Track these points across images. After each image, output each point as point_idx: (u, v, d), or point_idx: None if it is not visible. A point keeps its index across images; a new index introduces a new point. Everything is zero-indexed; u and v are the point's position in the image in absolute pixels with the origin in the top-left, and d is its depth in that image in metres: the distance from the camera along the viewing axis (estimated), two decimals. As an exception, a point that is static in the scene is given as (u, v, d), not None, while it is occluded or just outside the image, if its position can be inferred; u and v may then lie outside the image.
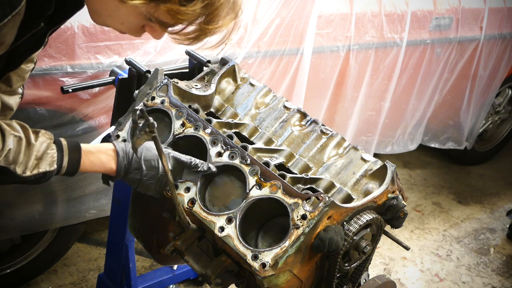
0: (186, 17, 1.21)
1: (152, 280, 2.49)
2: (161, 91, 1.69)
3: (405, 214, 1.56)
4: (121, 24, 1.30)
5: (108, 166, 1.43)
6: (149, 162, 1.45)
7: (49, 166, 1.32)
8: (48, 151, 1.32)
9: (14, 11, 1.10)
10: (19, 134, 1.27)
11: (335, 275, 1.50)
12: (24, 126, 1.30)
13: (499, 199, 4.19)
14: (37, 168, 1.30)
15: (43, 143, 1.32)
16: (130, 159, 1.43)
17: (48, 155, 1.32)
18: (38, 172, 1.31)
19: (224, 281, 1.50)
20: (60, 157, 1.34)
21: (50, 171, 1.33)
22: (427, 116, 3.69)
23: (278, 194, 1.43)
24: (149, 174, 1.45)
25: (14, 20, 1.11)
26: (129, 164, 1.43)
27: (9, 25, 1.11)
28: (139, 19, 1.27)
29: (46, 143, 1.32)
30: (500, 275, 3.33)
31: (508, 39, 3.85)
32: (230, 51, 2.39)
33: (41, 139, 1.32)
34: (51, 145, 1.33)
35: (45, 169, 1.32)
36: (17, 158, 1.26)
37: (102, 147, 1.43)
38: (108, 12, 1.25)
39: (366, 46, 2.95)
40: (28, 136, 1.29)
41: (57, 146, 1.35)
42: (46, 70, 2.01)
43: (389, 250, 3.34)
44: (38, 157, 1.30)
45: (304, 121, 1.75)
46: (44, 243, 2.53)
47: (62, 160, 1.35)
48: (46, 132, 1.35)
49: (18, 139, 1.27)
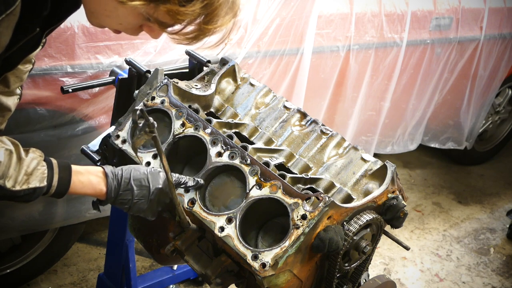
0: (185, 17, 1.21)
1: (152, 280, 2.49)
2: (161, 91, 1.69)
3: (405, 214, 1.56)
4: (119, 25, 1.29)
5: (98, 188, 1.41)
6: (139, 181, 1.42)
7: (39, 182, 1.30)
8: (39, 167, 1.30)
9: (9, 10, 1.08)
10: (10, 148, 1.26)
11: (335, 275, 1.50)
12: (15, 142, 1.29)
13: (499, 199, 4.19)
14: (27, 183, 1.28)
15: (34, 159, 1.30)
16: (119, 180, 1.41)
17: (39, 171, 1.30)
18: (28, 187, 1.28)
19: (224, 281, 1.50)
20: (50, 174, 1.32)
21: (40, 187, 1.30)
22: (427, 116, 3.69)
23: (278, 194, 1.43)
24: (140, 194, 1.42)
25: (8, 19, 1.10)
26: (119, 185, 1.41)
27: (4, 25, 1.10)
28: (138, 19, 1.26)
29: (37, 160, 1.31)
30: (500, 275, 3.33)
31: (508, 39, 3.85)
32: (230, 51, 2.39)
33: (32, 155, 1.30)
34: (41, 162, 1.32)
35: (35, 185, 1.29)
36: (7, 172, 1.24)
37: (90, 169, 1.42)
38: (106, 13, 1.25)
39: (366, 46, 2.95)
40: (18, 152, 1.28)
41: (48, 164, 1.33)
42: (46, 70, 2.01)
43: (389, 250, 3.34)
44: (28, 172, 1.28)
45: (304, 121, 1.75)
46: (44, 243, 2.53)
47: (52, 178, 1.33)
48: (37, 150, 1.33)
49: (9, 153, 1.25)
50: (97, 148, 1.80)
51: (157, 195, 1.44)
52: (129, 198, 1.42)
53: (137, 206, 1.43)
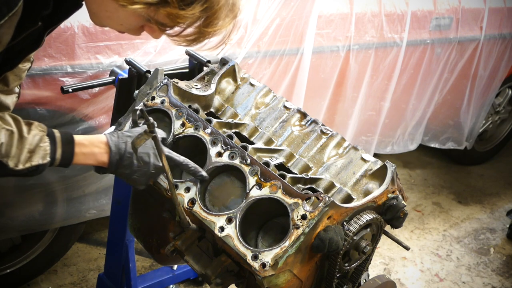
0: (185, 20, 1.22)
1: (152, 280, 2.49)
2: (161, 91, 1.69)
3: (405, 214, 1.56)
4: (120, 25, 1.30)
5: (100, 160, 1.43)
6: (141, 157, 1.45)
7: (42, 159, 1.32)
8: (41, 144, 1.32)
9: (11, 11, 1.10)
10: (11, 128, 1.27)
11: (335, 275, 1.50)
12: (17, 118, 1.31)
13: (499, 199, 4.19)
14: (29, 161, 1.30)
15: (36, 135, 1.32)
16: (122, 153, 1.44)
17: (41, 148, 1.32)
18: (31, 165, 1.31)
19: (224, 281, 1.51)
20: (53, 149, 1.34)
21: (43, 164, 1.33)
22: (427, 116, 3.69)
23: (278, 194, 1.43)
24: (140, 170, 1.46)
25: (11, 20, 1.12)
26: (121, 158, 1.44)
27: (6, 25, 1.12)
28: (139, 20, 1.27)
29: (39, 135, 1.32)
30: (500, 275, 3.33)
31: (508, 39, 3.85)
32: (230, 51, 2.39)
33: (34, 132, 1.32)
34: (44, 138, 1.33)
35: (38, 162, 1.32)
36: (9, 152, 1.26)
37: (94, 139, 1.44)
38: (107, 14, 1.26)
39: (366, 46, 2.95)
40: (20, 129, 1.29)
41: (50, 139, 1.35)
42: (46, 70, 2.01)
43: (389, 250, 3.34)
44: (31, 150, 1.30)
45: (304, 121, 1.75)
46: (44, 243, 2.53)
47: (55, 152, 1.35)
48: (40, 125, 1.35)
49: (10, 133, 1.27)
50: (97, 148, 1.80)
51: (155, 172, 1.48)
52: (128, 172, 1.46)
53: (134, 179, 1.47)
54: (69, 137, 1.39)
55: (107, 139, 1.44)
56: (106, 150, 1.43)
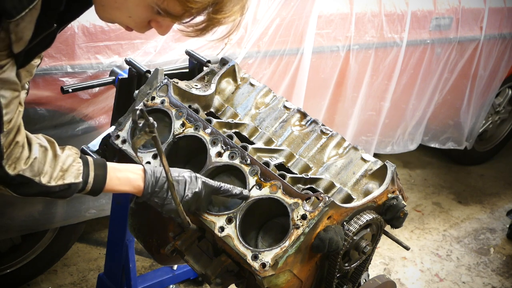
0: (195, 5, 1.20)
1: (152, 280, 2.49)
2: (161, 91, 1.69)
3: (405, 214, 1.56)
4: (128, 17, 1.28)
5: (135, 184, 1.41)
6: (176, 182, 1.42)
7: (75, 178, 1.32)
8: (74, 164, 1.33)
9: (32, 4, 1.09)
10: (45, 145, 1.28)
11: (335, 275, 1.50)
12: (51, 140, 1.32)
13: (499, 199, 4.19)
14: (62, 179, 1.30)
15: (69, 156, 1.33)
16: (157, 178, 1.42)
17: (74, 168, 1.32)
18: (63, 183, 1.30)
19: (224, 281, 1.50)
20: (86, 171, 1.34)
21: (75, 183, 1.32)
22: (427, 116, 3.69)
23: (278, 194, 1.43)
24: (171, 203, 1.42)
25: (31, 14, 1.11)
26: (156, 182, 1.42)
27: (27, 20, 1.11)
28: (147, 11, 1.25)
29: (72, 156, 1.33)
30: (500, 275, 3.33)
31: (508, 39, 3.85)
32: (230, 51, 2.39)
33: (67, 152, 1.33)
34: (77, 159, 1.34)
35: (70, 180, 1.31)
36: (42, 168, 1.26)
37: (130, 166, 1.43)
38: (116, 5, 1.24)
39: (366, 46, 2.95)
40: (54, 149, 1.30)
41: (83, 161, 1.35)
42: (46, 70, 2.01)
43: (389, 250, 3.34)
44: (64, 169, 1.30)
45: (304, 121, 1.75)
46: (44, 243, 2.53)
47: (88, 175, 1.35)
48: (73, 148, 1.36)
49: (44, 149, 1.28)
50: (97, 148, 1.80)
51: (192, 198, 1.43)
52: (164, 196, 1.42)
53: (170, 206, 1.43)
54: (102, 162, 1.39)
55: (143, 166, 1.44)
56: (142, 175, 1.42)
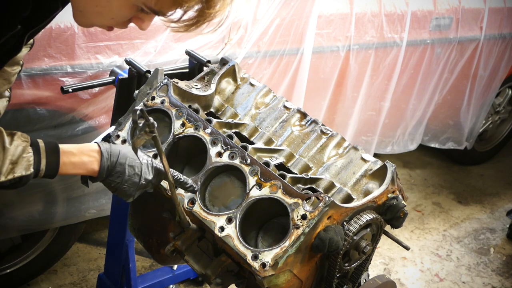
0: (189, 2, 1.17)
1: (152, 280, 2.49)
2: (161, 91, 1.69)
3: (405, 214, 1.56)
4: (111, 19, 1.24)
5: (90, 167, 1.39)
6: (133, 168, 1.42)
7: (25, 170, 1.27)
8: (24, 155, 1.27)
9: None
10: None
11: (335, 275, 1.50)
12: None
13: (499, 199, 4.19)
14: (12, 173, 1.25)
15: (19, 146, 1.26)
16: (114, 162, 1.40)
17: (24, 159, 1.27)
18: (13, 177, 1.25)
19: (224, 281, 1.50)
20: (37, 160, 1.29)
21: (26, 175, 1.27)
22: (427, 116, 3.69)
23: (278, 194, 1.43)
24: (130, 180, 1.42)
25: None
26: (113, 167, 1.40)
27: None
28: (131, 10, 1.22)
29: (22, 146, 1.27)
30: (500, 275, 3.33)
31: (508, 39, 3.85)
32: (230, 51, 2.39)
33: (16, 142, 1.26)
34: (27, 148, 1.28)
35: (21, 173, 1.26)
36: None
37: (85, 148, 1.40)
38: (98, 9, 1.20)
39: (366, 46, 2.95)
40: (2, 140, 1.24)
41: (34, 149, 1.29)
42: (46, 70, 2.01)
43: (389, 250, 3.34)
44: (13, 161, 1.25)
45: (304, 121, 1.75)
46: (44, 243, 2.53)
47: (40, 163, 1.30)
48: (22, 135, 1.30)
49: None
50: (97, 148, 1.80)
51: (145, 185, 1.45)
52: (118, 182, 1.42)
53: (123, 190, 1.43)
54: (54, 147, 1.34)
55: (99, 147, 1.41)
56: (97, 158, 1.39)
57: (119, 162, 1.41)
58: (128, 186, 1.43)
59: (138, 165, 1.43)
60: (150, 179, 1.45)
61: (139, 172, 1.43)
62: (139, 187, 1.44)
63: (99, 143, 1.43)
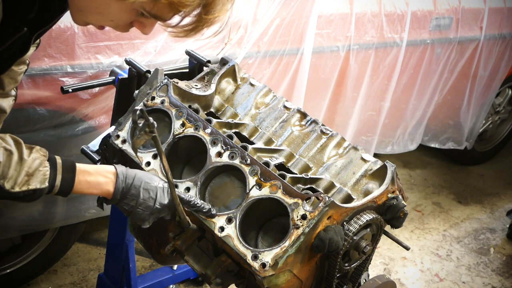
0: (186, 8, 1.17)
1: (152, 280, 2.49)
2: (161, 91, 1.69)
3: (405, 214, 1.56)
4: (110, 21, 1.24)
5: (105, 188, 1.39)
6: (147, 192, 1.41)
7: (40, 183, 1.28)
8: (41, 168, 1.28)
9: None
10: (10, 148, 1.23)
11: (335, 275, 1.50)
12: (18, 141, 1.27)
13: (499, 199, 4.19)
14: (27, 185, 1.26)
15: (36, 159, 1.27)
16: (129, 185, 1.40)
17: (40, 172, 1.28)
18: (27, 188, 1.26)
19: (224, 281, 1.50)
20: (53, 175, 1.30)
21: (40, 188, 1.28)
22: (427, 116, 3.69)
23: (278, 194, 1.43)
24: (144, 204, 1.41)
25: None
26: (127, 189, 1.40)
27: None
28: (131, 15, 1.22)
29: (40, 159, 1.28)
30: (500, 275, 3.33)
31: (508, 39, 3.85)
32: (230, 51, 2.39)
33: (34, 155, 1.27)
34: (44, 163, 1.29)
35: (36, 186, 1.27)
36: (6, 173, 1.22)
37: (101, 169, 1.41)
38: (98, 10, 1.20)
39: (366, 46, 2.95)
40: (21, 151, 1.25)
41: (51, 164, 1.31)
42: (46, 70, 2.01)
43: (389, 250, 3.34)
44: (29, 173, 1.25)
45: (304, 121, 1.75)
46: (44, 243, 2.53)
47: (55, 179, 1.30)
48: (41, 149, 1.31)
49: (9, 153, 1.23)
50: (97, 148, 1.80)
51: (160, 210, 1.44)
52: (133, 204, 1.41)
53: (137, 214, 1.43)
54: (71, 164, 1.35)
55: (115, 169, 1.41)
56: (113, 179, 1.40)
57: (134, 185, 1.40)
58: (142, 209, 1.41)
59: (154, 189, 1.42)
60: (166, 203, 1.43)
61: (154, 196, 1.42)
62: (153, 211, 1.43)
63: (116, 165, 1.43)
